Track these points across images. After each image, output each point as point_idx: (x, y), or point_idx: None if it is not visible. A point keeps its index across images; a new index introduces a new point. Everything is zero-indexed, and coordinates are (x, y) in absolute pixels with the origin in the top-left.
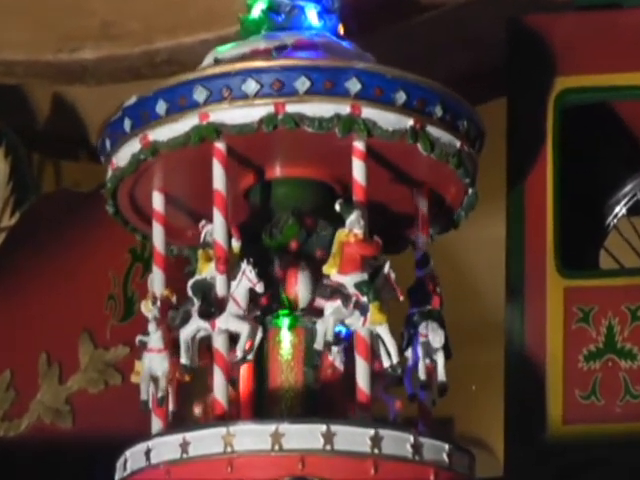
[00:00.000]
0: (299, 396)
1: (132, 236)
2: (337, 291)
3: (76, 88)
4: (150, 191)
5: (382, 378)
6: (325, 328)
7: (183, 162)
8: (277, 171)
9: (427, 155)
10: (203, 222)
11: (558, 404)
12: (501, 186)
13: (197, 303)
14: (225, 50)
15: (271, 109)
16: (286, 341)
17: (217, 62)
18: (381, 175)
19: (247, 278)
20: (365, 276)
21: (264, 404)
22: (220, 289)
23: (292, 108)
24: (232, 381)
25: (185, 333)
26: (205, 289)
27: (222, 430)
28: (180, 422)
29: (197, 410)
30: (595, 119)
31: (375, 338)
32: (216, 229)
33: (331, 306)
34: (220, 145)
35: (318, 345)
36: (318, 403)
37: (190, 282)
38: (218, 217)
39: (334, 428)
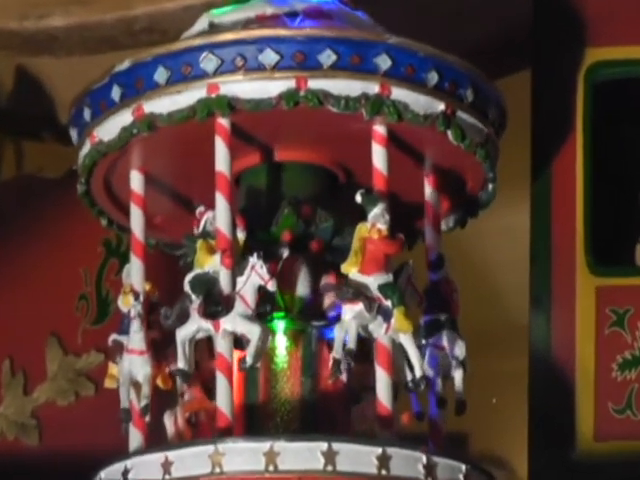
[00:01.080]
0: (296, 409)
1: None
2: (360, 293)
3: (43, 60)
4: (128, 171)
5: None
6: (343, 334)
7: (174, 138)
8: (277, 153)
9: (456, 145)
10: (201, 208)
11: (589, 418)
12: (524, 171)
13: (197, 300)
14: (222, 14)
15: (292, 84)
16: (281, 347)
17: (213, 28)
18: (391, 161)
19: (257, 274)
20: (390, 277)
21: (256, 419)
22: (225, 285)
23: (315, 84)
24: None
25: (183, 334)
26: (209, 285)
27: (209, 448)
28: (158, 437)
29: (168, 422)
30: (630, 95)
31: (397, 347)
32: (219, 217)
33: (351, 309)
34: (224, 121)
35: (337, 353)
36: (318, 417)
37: (189, 276)
38: (222, 203)
39: (336, 446)
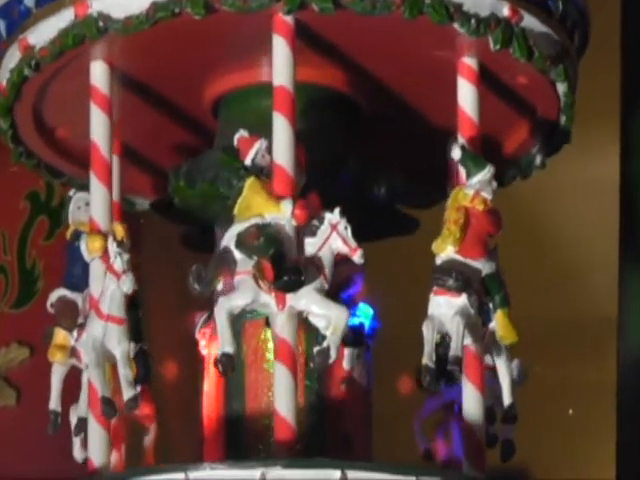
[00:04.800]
0: (298, 425)
1: (32, 175)
2: (469, 283)
3: None
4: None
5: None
6: (434, 334)
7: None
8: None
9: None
10: (242, 133)
11: None
12: (612, 105)
13: (249, 262)
14: None
15: None
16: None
17: None
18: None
19: (340, 237)
20: (496, 266)
21: (242, 438)
22: (292, 247)
23: None
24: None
25: (229, 307)
26: (277, 242)
27: (178, 477)
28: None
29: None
30: None
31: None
32: (279, 149)
33: (449, 303)
34: (288, 19)
35: (428, 359)
36: (327, 436)
37: (239, 227)
38: (283, 128)
39: (352, 475)
